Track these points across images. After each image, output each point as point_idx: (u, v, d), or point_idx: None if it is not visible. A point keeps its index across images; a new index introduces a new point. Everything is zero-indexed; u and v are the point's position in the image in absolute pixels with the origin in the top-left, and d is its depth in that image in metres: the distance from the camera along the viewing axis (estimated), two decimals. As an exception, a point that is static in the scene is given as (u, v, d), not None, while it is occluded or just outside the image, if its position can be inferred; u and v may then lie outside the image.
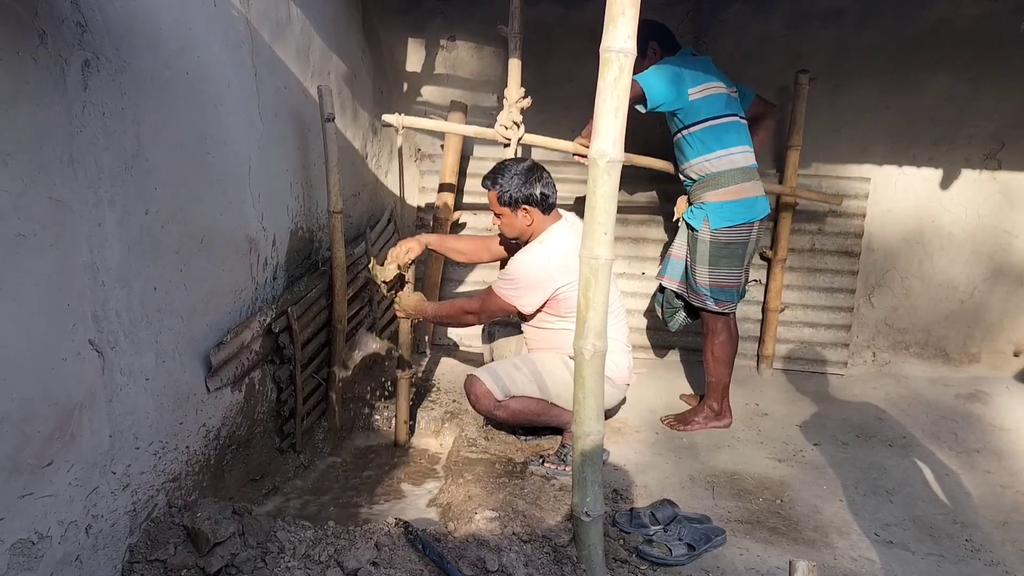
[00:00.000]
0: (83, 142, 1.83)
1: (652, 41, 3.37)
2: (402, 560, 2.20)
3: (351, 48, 3.78)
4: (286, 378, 3.01)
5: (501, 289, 3.05)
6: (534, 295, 3.02)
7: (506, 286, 3.04)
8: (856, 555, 2.59)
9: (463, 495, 2.76)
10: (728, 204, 3.29)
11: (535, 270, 3.00)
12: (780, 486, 3.04)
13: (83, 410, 1.85)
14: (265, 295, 2.90)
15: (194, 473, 2.42)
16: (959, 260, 4.29)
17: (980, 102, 4.08)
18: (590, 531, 2.30)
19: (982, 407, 3.90)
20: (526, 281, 3.01)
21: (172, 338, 2.26)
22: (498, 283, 3.10)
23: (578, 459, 2.28)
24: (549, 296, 3.03)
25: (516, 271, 3.04)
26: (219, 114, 2.49)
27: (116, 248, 1.97)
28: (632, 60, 2.01)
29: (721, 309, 3.42)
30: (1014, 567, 2.56)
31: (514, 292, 3.03)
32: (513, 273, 3.04)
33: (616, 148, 2.06)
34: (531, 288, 3.01)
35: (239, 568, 2.14)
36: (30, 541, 1.71)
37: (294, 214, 3.13)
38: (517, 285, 3.02)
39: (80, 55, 1.81)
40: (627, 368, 3.22)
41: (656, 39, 3.39)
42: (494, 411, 3.08)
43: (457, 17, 4.26)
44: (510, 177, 3.00)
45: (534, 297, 3.03)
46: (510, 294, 3.03)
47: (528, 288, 3.01)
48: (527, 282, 3.01)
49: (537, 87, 3.58)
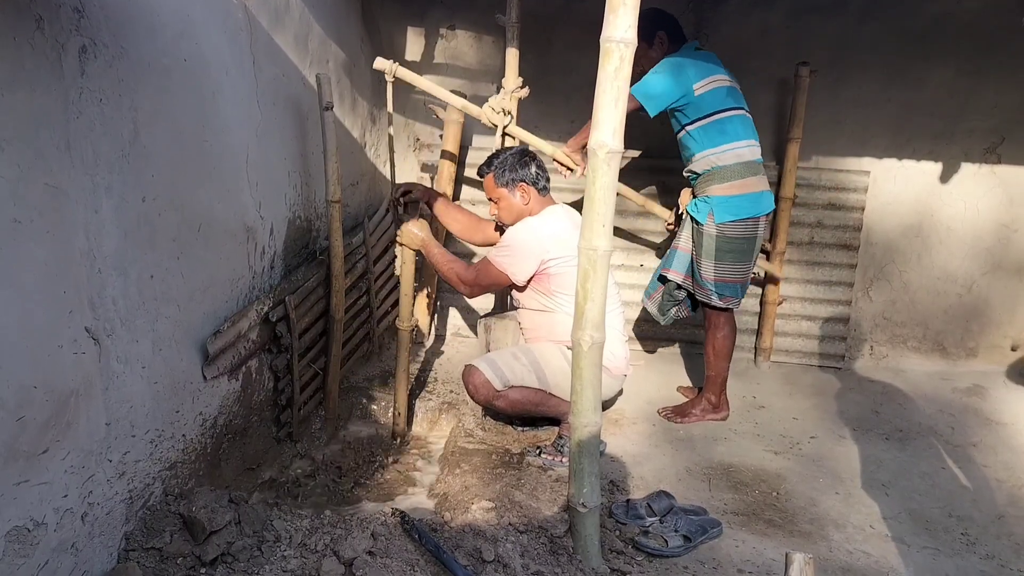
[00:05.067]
0: (80, 128, 1.82)
1: (660, 31, 3.33)
2: (398, 549, 2.21)
3: (350, 36, 3.76)
4: (283, 367, 3.00)
5: (495, 258, 3.14)
6: (526, 262, 3.10)
7: (499, 253, 3.14)
8: (852, 548, 2.59)
9: (460, 485, 2.76)
10: (734, 198, 3.27)
11: (527, 236, 3.12)
12: (777, 478, 3.04)
13: (79, 398, 1.85)
14: (263, 284, 2.89)
15: (190, 461, 2.42)
16: (958, 254, 4.29)
17: (981, 96, 4.07)
18: (586, 522, 2.30)
19: (979, 401, 3.91)
20: (518, 247, 3.10)
21: (169, 326, 2.25)
22: (492, 251, 3.19)
23: (575, 450, 2.28)
24: (539, 267, 3.10)
25: (509, 238, 3.15)
26: (217, 102, 2.48)
27: (113, 235, 1.97)
28: (633, 50, 2.00)
29: (725, 304, 3.41)
30: (1009, 561, 2.57)
31: (507, 259, 3.11)
32: (507, 240, 3.16)
33: (616, 139, 2.05)
34: (523, 255, 3.09)
35: (235, 556, 2.14)
36: (26, 528, 1.71)
37: (292, 203, 3.12)
38: (510, 252, 3.11)
39: (77, 41, 1.80)
40: (624, 358, 3.23)
41: (665, 28, 3.35)
42: (493, 401, 3.09)
43: (457, 6, 4.24)
44: (504, 159, 3.17)
45: (526, 264, 3.10)
46: (503, 261, 3.11)
47: (520, 254, 3.09)
48: (519, 248, 3.10)
49: (537, 77, 3.56)
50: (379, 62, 3.28)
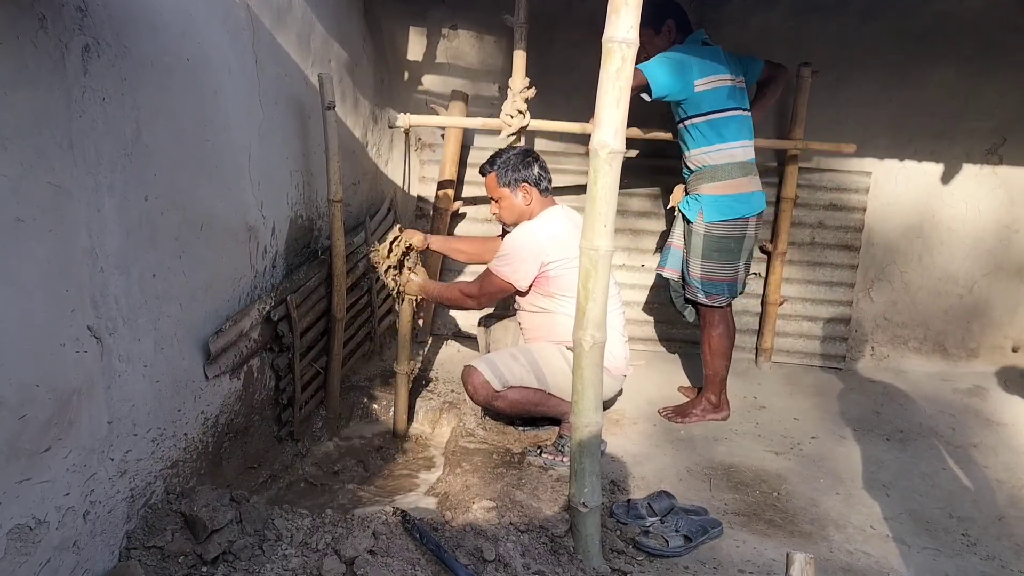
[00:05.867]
0: (82, 127, 1.82)
1: (669, 19, 3.33)
2: (399, 549, 2.21)
3: (352, 36, 3.76)
4: (285, 366, 3.00)
5: (496, 268, 3.13)
6: (526, 267, 3.09)
7: (500, 262, 3.13)
8: (852, 548, 2.59)
9: (461, 485, 2.76)
10: (723, 198, 3.29)
11: (526, 241, 3.11)
12: (777, 479, 3.04)
13: (81, 396, 1.85)
14: (264, 283, 2.89)
15: (192, 460, 2.42)
16: (959, 255, 4.29)
17: (982, 96, 4.07)
18: (587, 522, 2.30)
19: (980, 402, 3.91)
20: (518, 253, 3.09)
21: (171, 325, 2.25)
22: (493, 263, 3.17)
23: (576, 450, 2.28)
24: (540, 270, 3.10)
25: (507, 246, 3.14)
26: (219, 101, 2.48)
27: (115, 234, 1.97)
28: (635, 50, 2.00)
29: (711, 302, 3.42)
30: (1010, 561, 2.57)
31: (508, 267, 3.10)
32: (505, 248, 3.15)
33: (618, 139, 2.05)
34: (523, 259, 3.09)
35: (236, 555, 2.14)
36: (27, 526, 1.71)
37: (294, 202, 3.13)
38: (510, 259, 3.10)
39: (80, 40, 1.80)
40: (624, 358, 3.23)
41: (674, 17, 3.35)
42: (492, 401, 3.09)
43: (459, 6, 4.24)
44: (507, 159, 3.17)
45: (526, 270, 3.10)
46: (504, 270, 3.10)
47: (520, 259, 3.09)
48: (519, 254, 3.09)
49: (539, 76, 3.56)
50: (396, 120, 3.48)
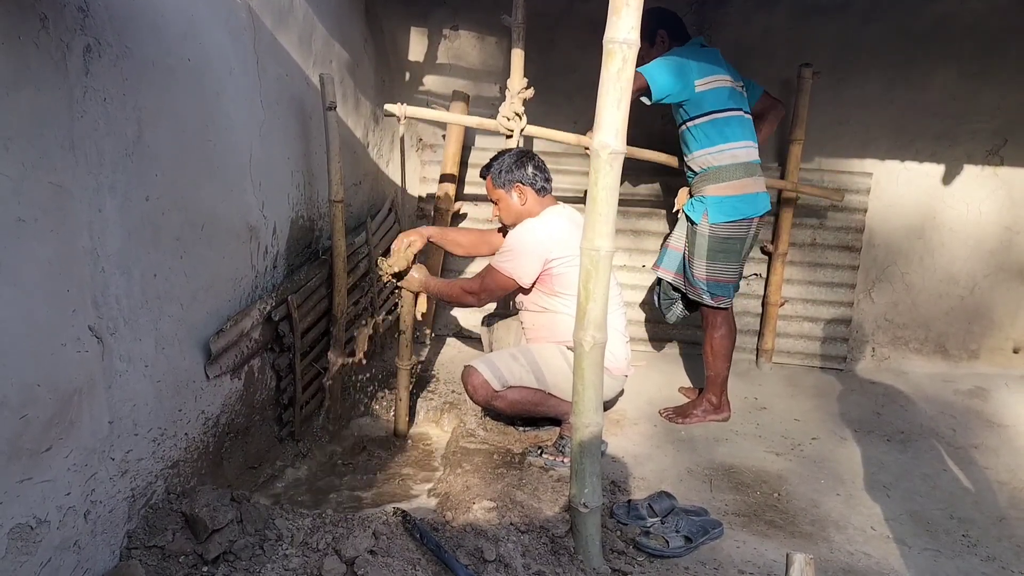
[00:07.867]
0: (84, 128, 1.83)
1: (662, 29, 3.35)
2: (400, 549, 2.21)
3: (353, 36, 3.77)
4: (285, 366, 3.01)
5: (499, 264, 3.13)
6: (530, 263, 3.09)
7: (502, 259, 3.13)
8: (853, 549, 2.59)
9: (461, 485, 2.76)
10: (728, 199, 3.29)
11: (528, 238, 3.12)
12: (778, 480, 3.04)
13: (82, 396, 1.85)
14: (265, 283, 2.89)
15: (193, 460, 2.43)
16: (960, 256, 4.29)
17: (984, 98, 4.06)
18: (588, 522, 2.30)
19: (980, 403, 3.90)
20: (521, 250, 3.10)
21: (172, 325, 2.25)
22: (495, 259, 3.17)
23: (576, 450, 2.28)
24: (543, 267, 3.10)
25: (510, 243, 3.15)
26: (221, 101, 2.49)
27: (116, 234, 1.97)
28: (635, 51, 2.00)
29: (717, 304, 3.42)
30: (1010, 563, 2.57)
31: (510, 264, 3.10)
32: (508, 244, 3.15)
33: (618, 140, 2.05)
34: (526, 256, 3.09)
35: (237, 555, 2.14)
36: (28, 526, 1.71)
37: (295, 203, 3.13)
38: (513, 256, 3.10)
39: (82, 40, 1.80)
40: (625, 359, 3.23)
41: (666, 27, 3.36)
42: (492, 401, 3.09)
43: (460, 7, 4.24)
44: (502, 161, 3.20)
45: (530, 266, 3.09)
46: (506, 266, 3.10)
47: (523, 256, 3.09)
48: (521, 251, 3.10)
49: (540, 77, 3.57)
50: (389, 107, 3.45)
